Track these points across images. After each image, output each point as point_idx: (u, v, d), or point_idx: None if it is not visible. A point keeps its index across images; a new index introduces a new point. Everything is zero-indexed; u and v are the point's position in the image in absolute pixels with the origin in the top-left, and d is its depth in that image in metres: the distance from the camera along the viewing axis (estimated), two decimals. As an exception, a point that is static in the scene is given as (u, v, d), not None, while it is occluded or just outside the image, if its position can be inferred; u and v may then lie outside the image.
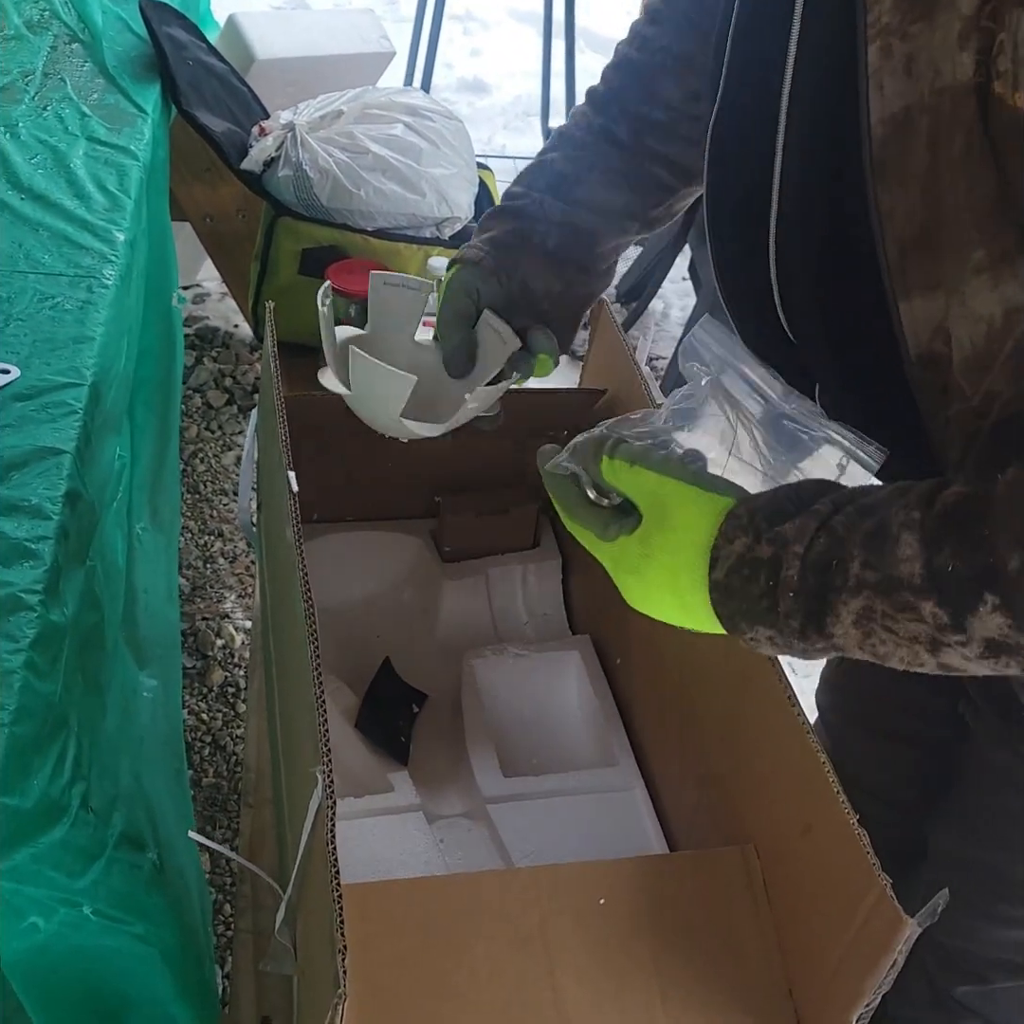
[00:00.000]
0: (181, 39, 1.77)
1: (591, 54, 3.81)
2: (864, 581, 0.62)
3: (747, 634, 0.68)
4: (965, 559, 0.59)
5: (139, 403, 1.48)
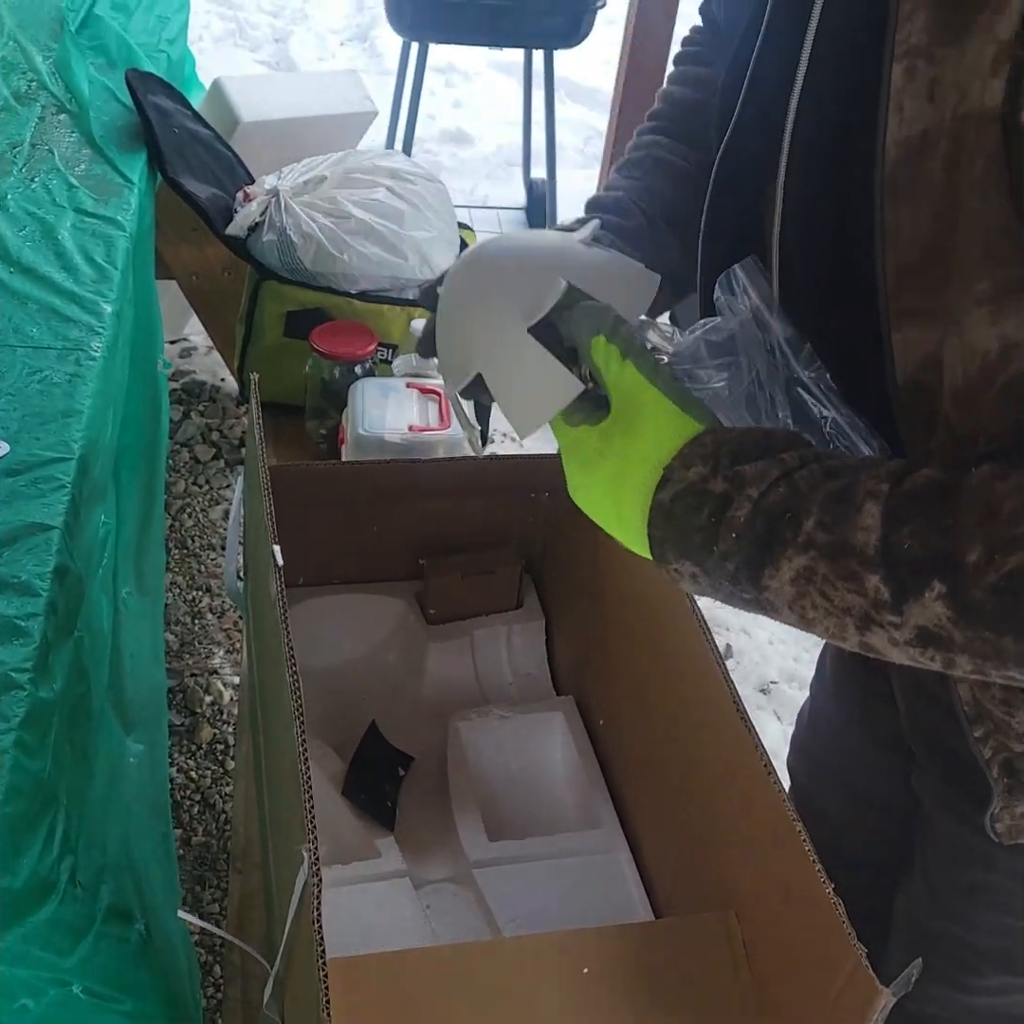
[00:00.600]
0: (166, 107, 1.80)
1: (571, 104, 3.87)
2: (813, 540, 0.60)
3: (672, 565, 0.66)
4: (923, 541, 0.58)
5: (124, 468, 1.50)
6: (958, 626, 0.57)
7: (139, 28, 2.01)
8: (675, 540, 0.65)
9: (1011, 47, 0.57)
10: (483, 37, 2.82)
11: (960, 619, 0.57)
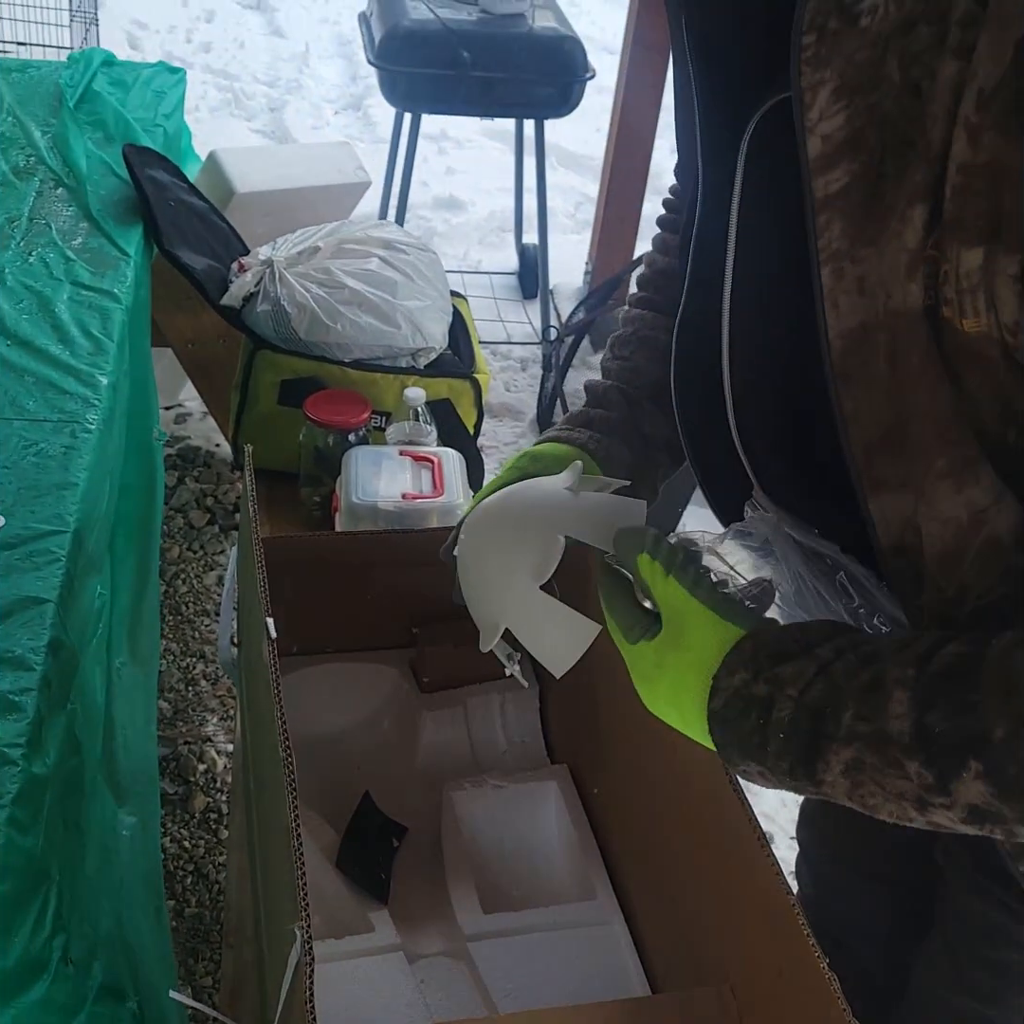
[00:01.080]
0: (163, 180, 1.83)
1: (562, 171, 3.92)
2: (855, 732, 0.63)
3: (739, 766, 0.71)
4: (953, 722, 0.60)
5: (119, 538, 1.50)
6: (1004, 802, 0.60)
7: (136, 103, 2.04)
8: (735, 744, 0.69)
9: (921, 252, 0.60)
10: (475, 108, 2.87)
11: (1003, 794, 0.59)
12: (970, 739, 0.59)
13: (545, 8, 2.82)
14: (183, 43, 4.48)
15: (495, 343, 3.15)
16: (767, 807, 1.97)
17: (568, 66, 2.70)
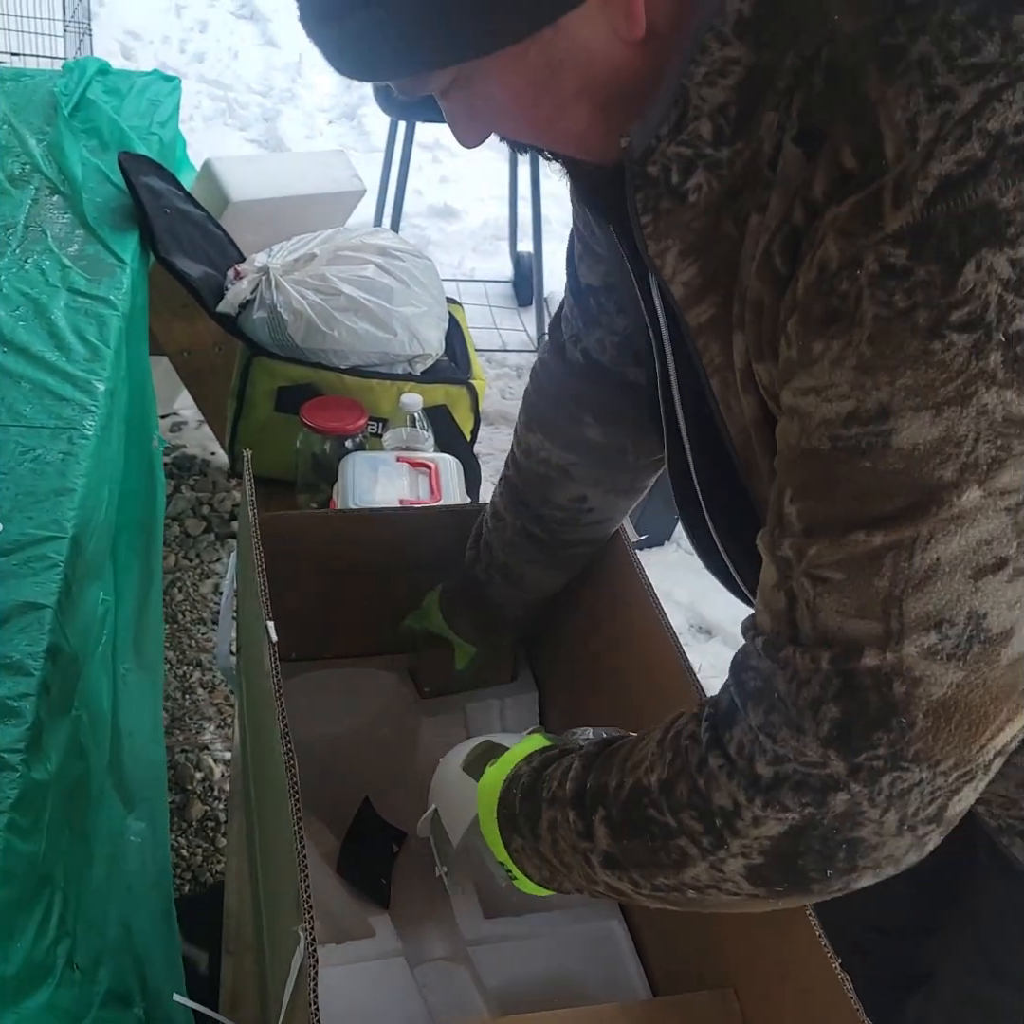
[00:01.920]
0: (159, 188, 1.83)
1: (557, 178, 3.92)
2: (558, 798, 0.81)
3: (511, 844, 0.86)
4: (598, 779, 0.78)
5: (122, 545, 1.50)
6: (615, 842, 0.75)
7: (131, 111, 2.04)
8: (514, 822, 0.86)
9: (747, 371, 0.71)
10: (469, 116, 2.87)
11: (613, 835, 0.75)
12: (600, 789, 0.77)
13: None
14: (177, 53, 4.49)
15: (490, 351, 3.15)
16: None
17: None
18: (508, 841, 0.87)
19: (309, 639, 1.34)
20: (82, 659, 1.17)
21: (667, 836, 0.72)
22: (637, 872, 0.75)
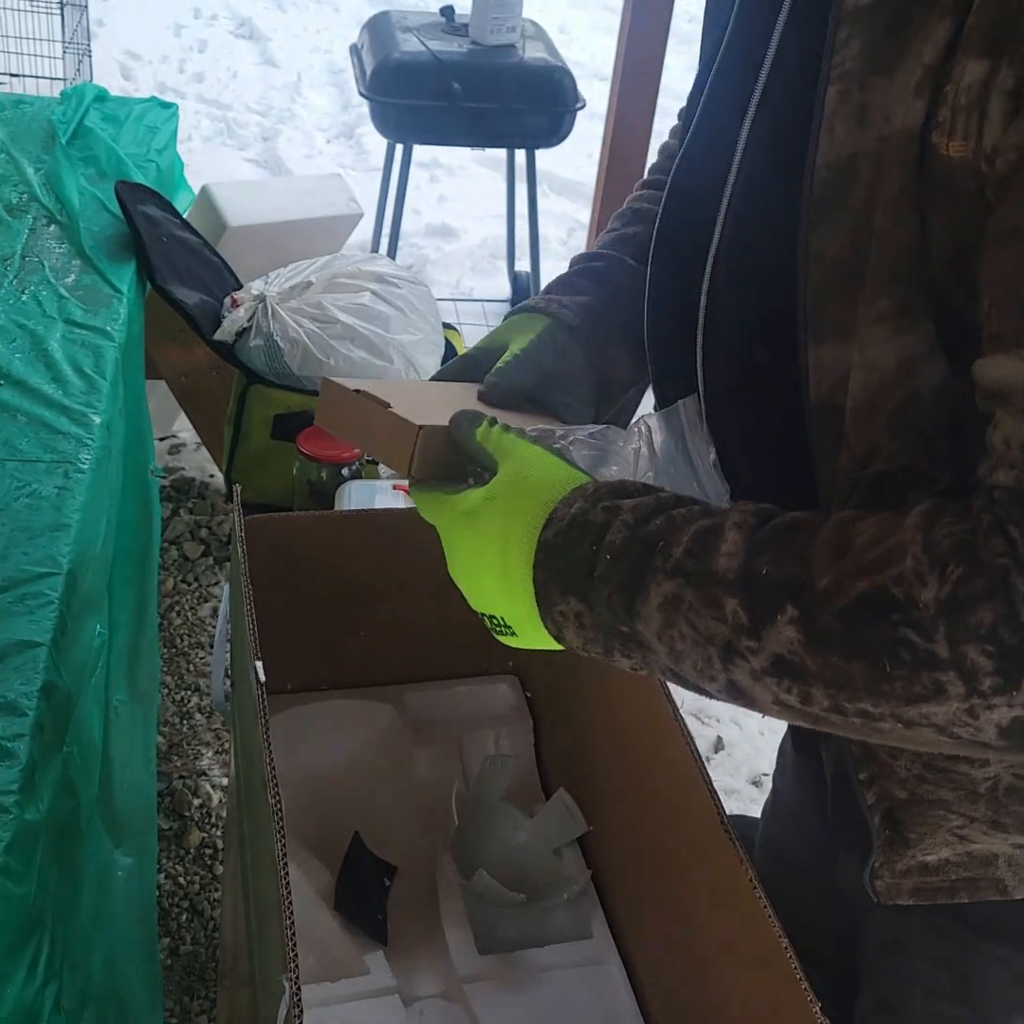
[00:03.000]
0: (155, 216, 1.83)
1: (554, 197, 3.94)
2: (681, 567, 0.62)
3: (557, 606, 0.67)
4: (780, 568, 0.60)
5: (117, 576, 1.50)
6: (809, 652, 0.59)
7: (129, 138, 2.05)
8: (559, 575, 0.66)
9: (935, 70, 0.60)
10: (466, 139, 2.89)
11: (810, 644, 0.59)
12: (792, 583, 0.60)
13: (535, 39, 2.84)
14: (176, 73, 4.50)
15: (488, 371, 3.15)
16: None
17: (558, 96, 2.72)
18: (551, 601, 0.67)
19: (303, 670, 1.35)
20: (76, 695, 1.17)
21: (923, 666, 0.57)
22: (830, 689, 0.60)
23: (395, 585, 1.31)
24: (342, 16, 5.15)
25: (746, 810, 2.00)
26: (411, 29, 2.75)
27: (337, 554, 1.28)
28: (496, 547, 0.69)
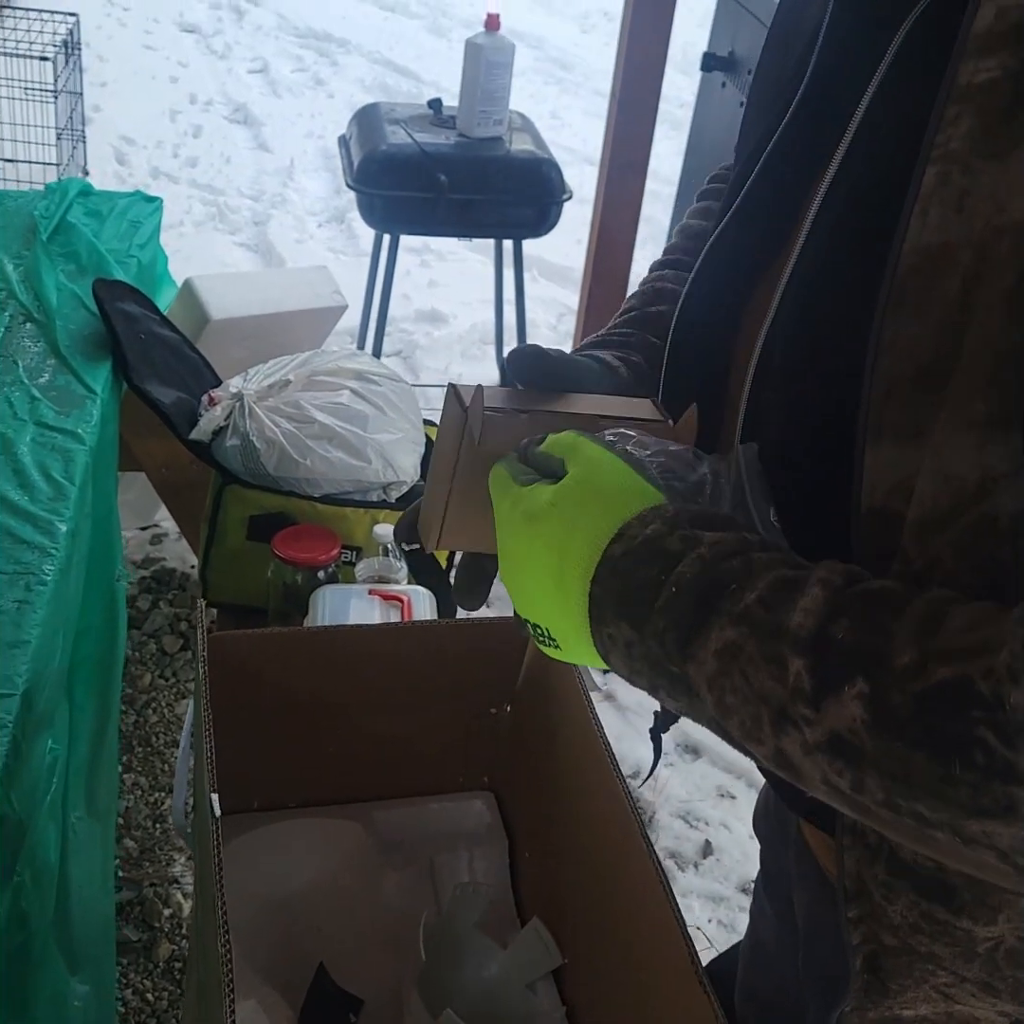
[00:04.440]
0: (134, 313, 1.82)
1: (544, 282, 3.96)
2: (749, 615, 0.57)
3: (608, 627, 0.62)
4: (859, 634, 0.54)
5: (78, 684, 1.46)
6: (871, 733, 0.53)
7: (111, 234, 2.04)
8: (618, 596, 0.62)
9: None
10: (452, 229, 2.89)
11: (875, 725, 0.53)
12: (869, 655, 0.54)
13: (523, 131, 2.85)
14: (170, 158, 4.54)
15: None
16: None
17: (545, 188, 2.73)
18: (603, 620, 0.63)
19: (270, 787, 1.31)
20: (27, 820, 1.13)
21: (997, 776, 0.51)
22: (887, 781, 0.54)
23: (365, 700, 1.28)
24: (336, 102, 5.21)
25: (735, 920, 1.94)
26: (399, 121, 2.77)
27: (305, 670, 1.25)
28: (554, 557, 0.64)
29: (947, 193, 0.57)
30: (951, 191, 0.57)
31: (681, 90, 4.83)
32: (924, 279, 0.58)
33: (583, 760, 1.15)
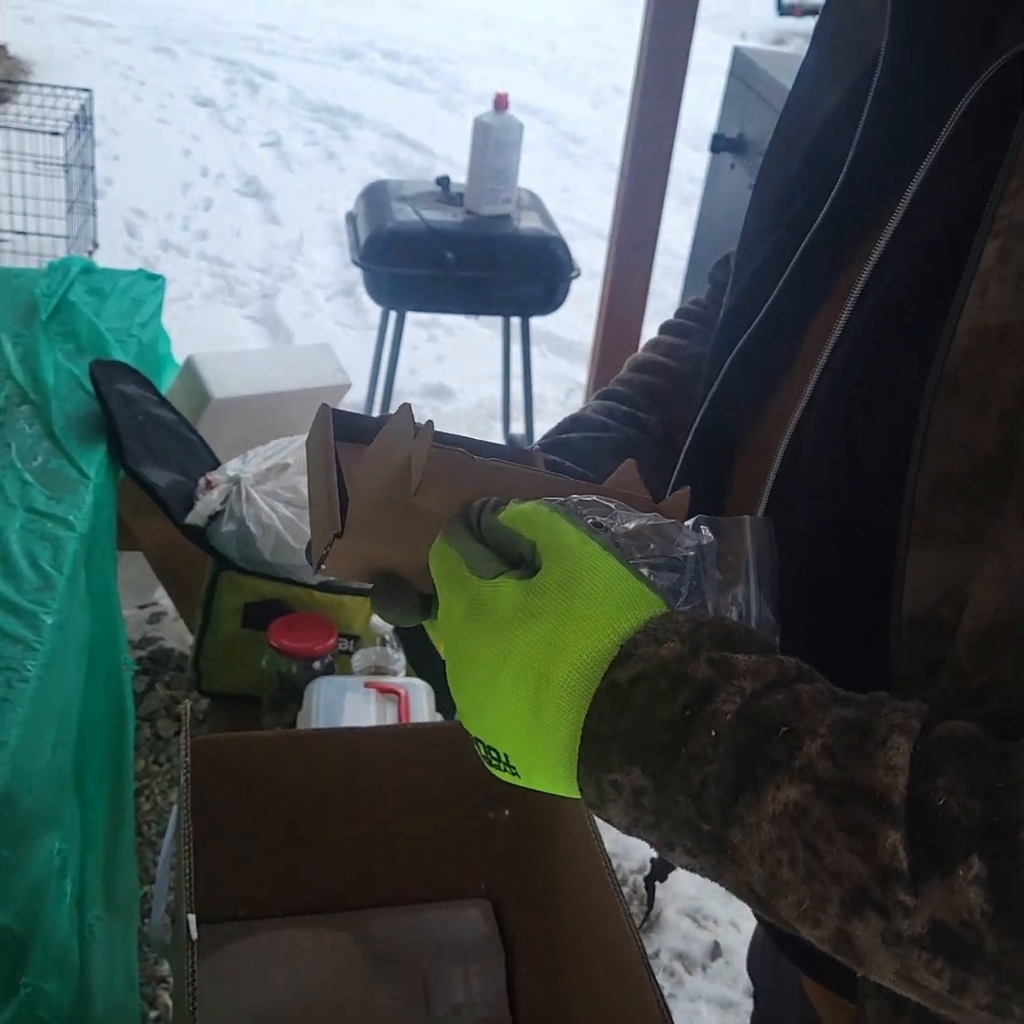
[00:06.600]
0: (132, 394, 1.79)
1: (552, 357, 3.94)
2: (813, 769, 0.47)
3: (612, 774, 0.50)
4: (963, 802, 0.44)
5: (89, 780, 1.41)
6: (994, 927, 0.43)
7: (112, 312, 2.02)
8: (627, 737, 0.50)
9: None
10: (459, 307, 2.88)
11: (1000, 918, 0.43)
12: (984, 829, 0.44)
13: (531, 209, 2.85)
14: (180, 230, 4.56)
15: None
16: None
17: (553, 266, 2.72)
18: (606, 765, 0.51)
19: (259, 894, 1.25)
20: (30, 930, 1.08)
21: None
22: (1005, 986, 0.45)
23: (357, 804, 1.23)
24: (347, 176, 5.25)
25: (743, 1025, 1.86)
26: (406, 199, 2.77)
27: (293, 773, 1.20)
28: (530, 682, 0.52)
29: (1008, 271, 0.52)
30: (1012, 269, 0.52)
31: (692, 164, 4.85)
32: (981, 364, 0.53)
33: (581, 873, 1.10)
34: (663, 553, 0.57)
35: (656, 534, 0.58)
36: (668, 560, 0.57)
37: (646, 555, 0.57)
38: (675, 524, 0.59)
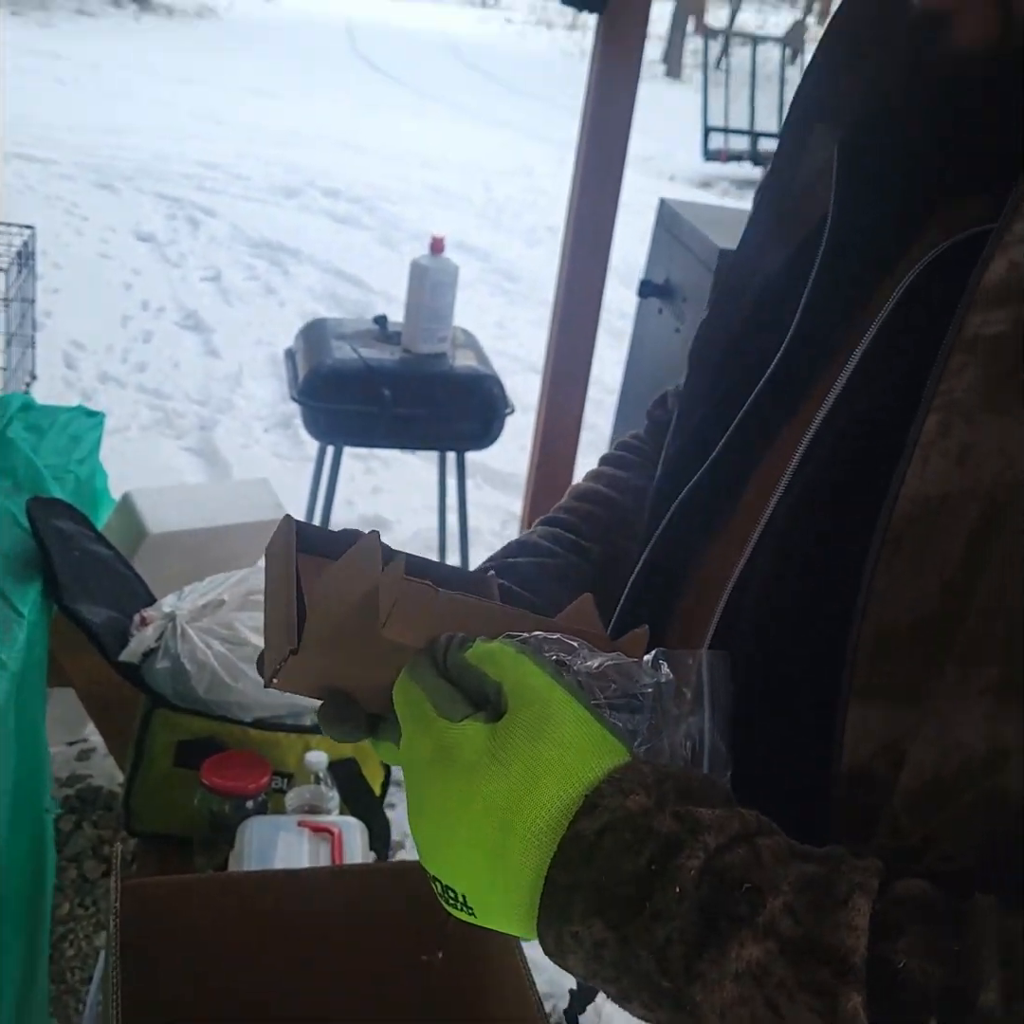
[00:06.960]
0: (68, 530, 1.80)
1: (488, 489, 4.00)
2: (776, 928, 0.47)
3: (573, 926, 0.50)
4: (923, 965, 0.45)
5: (3, 924, 1.38)
6: None
7: (50, 449, 2.04)
8: (591, 888, 0.50)
9: None
10: (395, 442, 2.92)
11: None
12: (944, 993, 0.44)
13: (466, 347, 2.92)
14: (119, 363, 4.60)
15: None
16: None
17: (488, 403, 2.78)
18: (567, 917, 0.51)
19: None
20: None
21: None
22: None
23: (289, 948, 1.21)
24: (287, 311, 5.35)
25: None
26: (345, 336, 2.83)
27: (225, 918, 1.19)
28: (494, 827, 0.52)
29: (948, 444, 0.54)
30: (952, 443, 0.54)
31: (623, 301, 5.01)
32: (922, 529, 0.55)
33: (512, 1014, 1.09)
34: (624, 692, 0.60)
35: (618, 673, 0.60)
36: (628, 700, 0.59)
37: (608, 695, 0.59)
38: (635, 663, 0.62)
